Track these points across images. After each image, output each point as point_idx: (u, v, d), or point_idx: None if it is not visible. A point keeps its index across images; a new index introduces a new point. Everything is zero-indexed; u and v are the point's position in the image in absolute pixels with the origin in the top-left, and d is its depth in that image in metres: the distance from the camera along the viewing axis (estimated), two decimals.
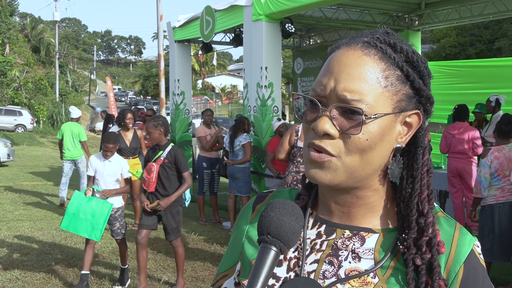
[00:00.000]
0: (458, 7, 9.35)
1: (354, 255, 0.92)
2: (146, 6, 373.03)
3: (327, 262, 0.93)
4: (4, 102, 31.54)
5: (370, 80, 0.86)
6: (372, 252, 0.92)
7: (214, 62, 56.29)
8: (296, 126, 5.58)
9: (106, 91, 39.39)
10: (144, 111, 11.68)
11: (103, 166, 5.28)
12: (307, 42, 12.68)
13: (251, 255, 1.00)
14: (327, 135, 0.87)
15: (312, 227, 0.98)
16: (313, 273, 0.93)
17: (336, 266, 0.92)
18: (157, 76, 26.42)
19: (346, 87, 0.86)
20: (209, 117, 8.59)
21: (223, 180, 8.78)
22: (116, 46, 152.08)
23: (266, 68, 7.76)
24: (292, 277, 0.94)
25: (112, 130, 8.40)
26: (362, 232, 0.94)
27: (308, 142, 0.90)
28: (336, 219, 0.96)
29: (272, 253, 0.82)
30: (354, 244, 0.93)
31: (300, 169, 5.50)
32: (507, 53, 26.33)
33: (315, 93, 0.90)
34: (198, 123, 21.49)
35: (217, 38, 10.41)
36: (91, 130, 33.91)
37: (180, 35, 10.49)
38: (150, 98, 56.71)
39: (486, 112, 7.77)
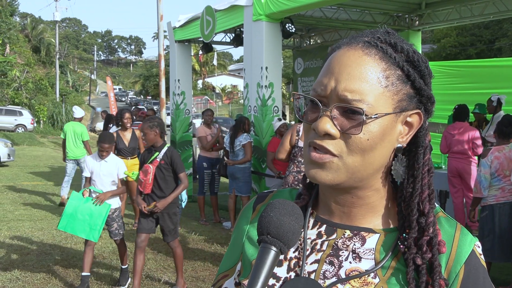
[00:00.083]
0: (458, 7, 9.34)
1: (354, 255, 0.92)
2: (146, 6, 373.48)
3: (327, 262, 0.93)
4: (4, 102, 31.56)
5: (370, 80, 0.86)
6: (373, 252, 0.92)
7: (215, 62, 56.48)
8: (297, 126, 5.58)
9: (107, 91, 39.41)
10: (145, 111, 11.68)
11: (99, 166, 5.22)
12: (308, 42, 12.67)
13: (252, 255, 1.00)
14: (328, 135, 0.87)
15: (313, 227, 0.98)
16: (313, 273, 0.93)
17: (336, 266, 0.92)
18: (157, 76, 26.41)
19: (346, 87, 0.86)
20: (209, 117, 8.59)
21: (224, 180, 8.78)
22: (116, 46, 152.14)
23: (266, 68, 7.75)
24: (292, 277, 0.94)
25: (112, 131, 8.41)
26: (362, 232, 0.94)
27: (309, 142, 0.90)
28: (336, 219, 0.96)
29: (272, 253, 0.82)
30: (354, 244, 0.93)
31: (301, 169, 5.50)
32: (508, 53, 26.32)
33: (316, 93, 0.90)
34: (198, 123, 21.49)
35: (217, 38, 10.40)
36: (92, 130, 33.88)
37: (181, 35, 10.49)
38: (150, 98, 56.76)
39: (488, 112, 7.76)
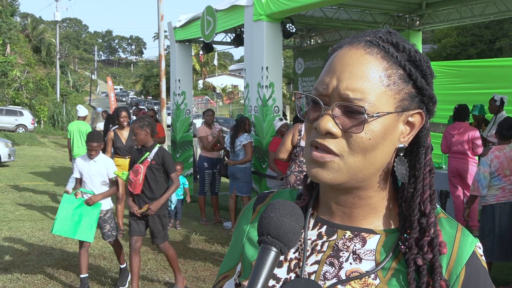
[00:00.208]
0: (459, 7, 9.34)
1: (355, 256, 0.92)
2: (147, 6, 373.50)
3: (328, 263, 0.92)
4: (5, 102, 31.58)
5: (372, 79, 0.86)
6: (373, 253, 0.91)
7: (215, 62, 56.52)
8: (299, 126, 5.57)
9: (107, 91, 39.41)
10: (145, 111, 11.66)
11: (88, 166, 5.14)
12: (308, 42, 12.67)
13: (252, 256, 1.00)
14: (330, 134, 0.86)
15: (313, 228, 0.97)
16: (313, 274, 0.92)
17: (337, 267, 0.92)
18: (158, 76, 26.43)
19: (348, 86, 0.85)
20: (210, 117, 8.59)
21: (224, 180, 8.78)
22: (117, 46, 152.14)
23: (267, 68, 7.75)
24: (292, 278, 0.93)
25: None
26: (363, 233, 0.93)
27: (311, 141, 0.89)
28: (337, 220, 0.96)
29: (272, 253, 0.82)
30: (355, 245, 0.92)
31: (303, 168, 5.48)
32: (508, 53, 26.30)
33: (318, 92, 0.90)
34: (199, 123, 21.49)
35: (218, 38, 10.40)
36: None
37: (181, 35, 10.49)
38: (151, 98, 56.75)
39: (489, 112, 7.71)
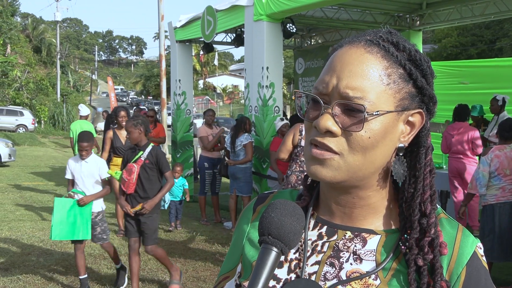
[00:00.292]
0: (459, 7, 9.33)
1: (355, 256, 0.91)
2: (147, 6, 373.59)
3: (328, 263, 0.92)
4: (5, 102, 31.60)
5: (372, 78, 0.86)
6: (374, 254, 0.91)
7: (216, 62, 56.52)
8: (300, 126, 5.57)
9: (108, 91, 39.41)
10: (146, 111, 11.66)
11: (80, 167, 5.05)
12: (308, 42, 12.67)
13: (252, 257, 1.00)
14: (330, 133, 0.86)
15: (313, 228, 0.97)
16: (314, 274, 0.92)
17: (337, 268, 0.92)
18: (158, 76, 26.45)
19: (348, 84, 0.85)
20: (210, 117, 8.60)
21: (225, 180, 8.78)
22: (117, 46, 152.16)
23: (267, 68, 7.75)
24: (293, 278, 0.93)
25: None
26: (363, 234, 0.93)
27: (310, 140, 0.89)
28: (337, 220, 0.96)
29: (273, 254, 0.81)
30: (355, 245, 0.92)
31: (303, 168, 5.47)
32: (509, 53, 26.29)
33: (317, 91, 0.90)
34: (199, 123, 21.48)
35: (218, 38, 10.40)
36: None
37: (181, 35, 10.49)
38: (151, 98, 56.77)
39: (491, 111, 7.68)
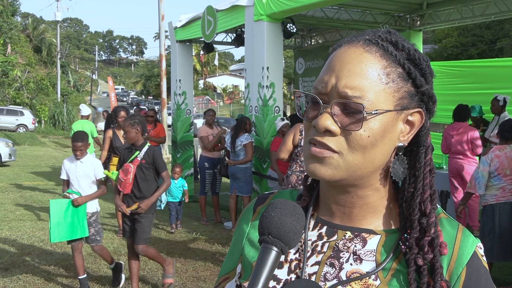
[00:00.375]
0: (459, 7, 9.33)
1: (355, 257, 0.91)
2: (147, 6, 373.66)
3: (328, 264, 0.92)
4: (5, 102, 31.62)
5: (371, 77, 0.86)
6: (374, 254, 0.91)
7: (216, 62, 56.51)
8: (300, 126, 5.56)
9: (108, 91, 39.42)
10: (146, 111, 11.65)
11: (75, 167, 4.99)
12: (309, 42, 12.67)
13: (252, 257, 1.00)
14: (329, 132, 0.86)
15: (313, 229, 0.97)
16: (314, 275, 0.92)
17: (337, 268, 0.91)
18: (158, 76, 26.46)
19: (347, 83, 0.86)
20: (211, 117, 8.61)
21: (225, 180, 8.79)
22: (117, 46, 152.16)
23: (267, 68, 7.74)
24: (293, 279, 0.93)
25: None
26: (363, 234, 0.93)
27: (310, 139, 0.89)
28: (337, 220, 0.96)
29: (273, 253, 0.81)
30: (355, 245, 0.92)
31: (304, 168, 5.46)
32: (509, 53, 26.30)
33: (317, 90, 0.90)
34: (199, 123, 21.46)
35: (218, 38, 10.39)
36: None
37: (182, 35, 10.48)
38: (151, 98, 56.80)
39: (492, 112, 7.67)
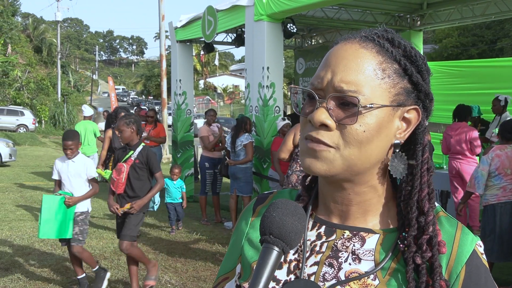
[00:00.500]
0: (460, 7, 9.32)
1: (354, 256, 0.91)
2: (148, 6, 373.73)
3: (327, 264, 0.92)
4: (6, 102, 31.61)
5: (367, 72, 0.86)
6: (372, 253, 0.91)
7: (216, 62, 56.51)
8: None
9: (108, 91, 39.40)
10: (145, 110, 11.64)
11: (67, 167, 4.90)
12: (309, 42, 12.66)
13: (251, 257, 1.00)
14: (324, 127, 0.86)
15: (312, 229, 0.97)
16: (313, 275, 0.92)
17: (336, 268, 0.91)
18: (159, 76, 26.46)
19: (342, 78, 0.86)
20: (211, 117, 8.62)
21: (226, 180, 8.79)
22: (118, 46, 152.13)
23: (268, 68, 7.74)
24: (292, 279, 0.93)
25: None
26: (362, 233, 0.93)
27: (306, 135, 0.90)
28: (335, 219, 0.96)
29: (274, 253, 0.81)
30: (354, 245, 0.92)
31: None
32: (509, 53, 26.30)
33: (313, 86, 0.90)
34: (200, 123, 21.46)
35: (219, 38, 10.39)
36: None
37: (182, 35, 10.48)
38: (152, 98, 56.81)
39: (493, 112, 7.65)
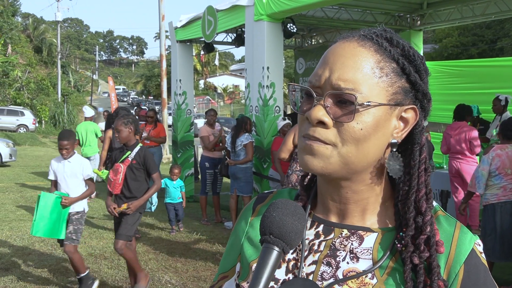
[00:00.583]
0: (460, 7, 9.32)
1: (352, 255, 0.91)
2: (148, 6, 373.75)
3: (325, 263, 0.92)
4: (6, 102, 31.62)
5: (364, 70, 0.86)
6: (370, 252, 0.91)
7: (216, 62, 56.50)
8: None
9: (108, 91, 39.40)
10: (145, 110, 11.64)
11: (63, 167, 4.87)
12: (309, 42, 12.66)
13: (250, 256, 1.00)
14: (321, 124, 0.87)
15: (310, 227, 0.97)
16: (311, 274, 0.92)
17: (334, 267, 0.91)
18: (159, 76, 26.47)
19: (340, 76, 0.86)
20: (212, 117, 8.62)
21: (226, 180, 8.79)
22: (118, 46, 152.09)
23: (268, 68, 7.74)
24: (290, 279, 0.93)
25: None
26: (360, 231, 0.93)
27: (303, 134, 0.90)
28: (333, 218, 0.96)
29: (274, 253, 0.82)
30: (352, 243, 0.92)
31: None
32: (509, 53, 26.29)
33: (311, 84, 0.90)
34: (200, 123, 21.46)
35: (219, 38, 10.39)
36: None
37: (182, 35, 10.48)
38: (152, 98, 56.80)
39: (494, 112, 7.65)
